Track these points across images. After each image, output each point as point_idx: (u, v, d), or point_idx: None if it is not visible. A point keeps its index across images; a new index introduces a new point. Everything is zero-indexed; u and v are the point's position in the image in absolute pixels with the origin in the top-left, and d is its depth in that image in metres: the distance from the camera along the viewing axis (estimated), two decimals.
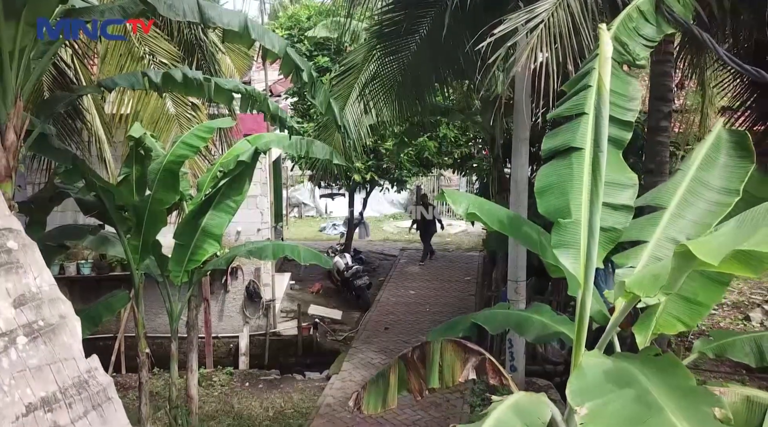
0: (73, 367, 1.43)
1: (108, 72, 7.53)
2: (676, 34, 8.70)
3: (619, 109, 3.50)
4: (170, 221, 7.03)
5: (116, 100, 7.60)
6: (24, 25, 4.42)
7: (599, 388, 2.42)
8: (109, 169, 7.91)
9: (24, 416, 1.35)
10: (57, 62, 6.47)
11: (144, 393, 6.24)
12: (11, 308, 1.39)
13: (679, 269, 2.39)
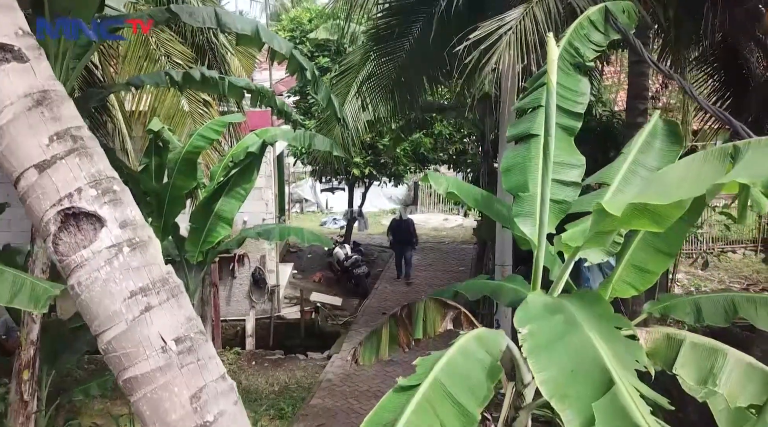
0: (158, 269, 2.09)
1: (128, 72, 8.20)
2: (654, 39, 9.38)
3: (570, 103, 4.16)
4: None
5: (135, 98, 8.26)
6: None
7: (538, 315, 3.08)
8: (130, 160, 8.57)
9: (129, 298, 2.03)
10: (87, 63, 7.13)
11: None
12: (118, 228, 2.06)
13: (597, 223, 3.04)
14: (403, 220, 16.41)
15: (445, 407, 3.10)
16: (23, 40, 2.11)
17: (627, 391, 2.43)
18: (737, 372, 3.54)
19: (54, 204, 2.04)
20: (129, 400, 2.08)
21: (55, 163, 2.05)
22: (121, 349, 2.03)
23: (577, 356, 2.71)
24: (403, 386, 3.22)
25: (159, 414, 2.02)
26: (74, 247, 2.05)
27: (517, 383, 4.03)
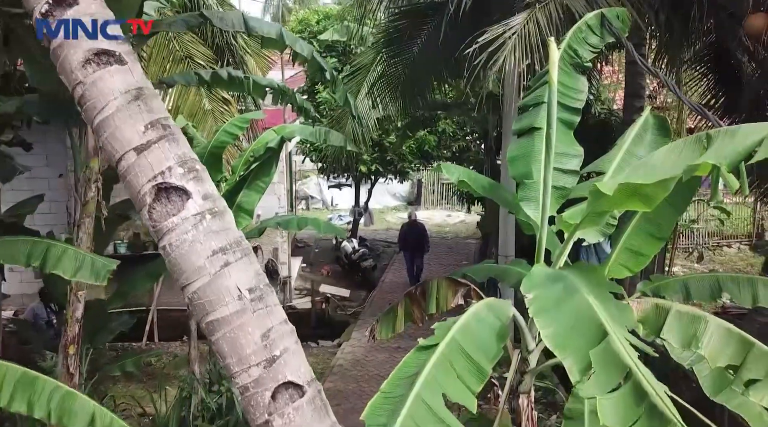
0: (233, 233, 2.53)
1: (153, 72, 8.64)
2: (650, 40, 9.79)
3: (569, 99, 4.59)
4: None
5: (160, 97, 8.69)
6: None
7: (542, 283, 3.51)
8: None
9: (211, 256, 2.47)
10: None
11: (193, 339, 7.36)
12: (201, 199, 2.50)
13: (592, 204, 3.48)
14: (414, 224, 15.51)
15: (461, 363, 3.55)
16: (122, 47, 2.56)
17: (618, 340, 2.86)
18: (717, 336, 3.97)
19: (149, 180, 2.49)
20: (210, 340, 2.53)
21: (150, 146, 2.50)
22: (204, 297, 2.47)
23: (576, 315, 3.15)
24: (423, 346, 3.66)
25: (236, 349, 2.47)
26: (165, 215, 2.49)
27: (522, 350, 4.46)
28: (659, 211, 4.92)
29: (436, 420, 3.32)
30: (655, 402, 2.50)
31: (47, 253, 4.30)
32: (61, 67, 2.58)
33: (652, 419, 2.46)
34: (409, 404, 3.33)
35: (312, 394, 2.56)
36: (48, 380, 3.84)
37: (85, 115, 2.56)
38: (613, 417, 2.58)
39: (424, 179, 28.23)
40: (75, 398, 3.83)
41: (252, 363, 2.47)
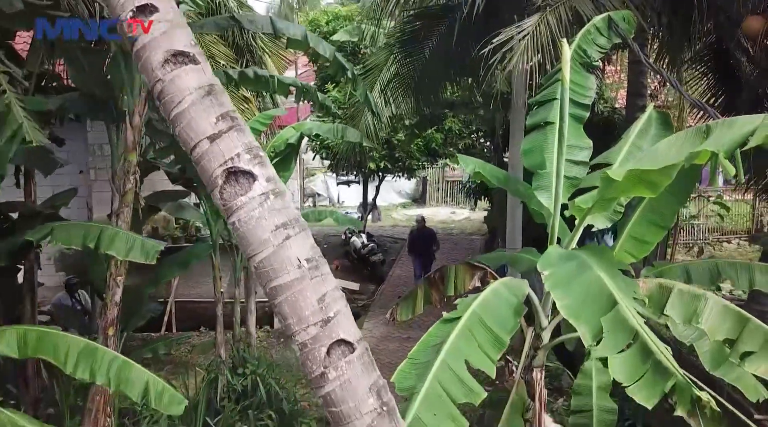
0: (293, 211, 2.88)
1: None
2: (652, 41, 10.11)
3: (579, 96, 4.93)
4: None
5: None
6: None
7: (557, 261, 3.86)
8: None
9: (274, 230, 2.82)
10: None
11: (219, 323, 7.73)
12: (265, 182, 2.85)
13: (604, 189, 3.83)
14: (423, 230, 14.58)
15: (482, 334, 3.91)
16: (195, 49, 2.91)
17: (627, 308, 3.22)
18: (716, 312, 4.32)
19: (220, 165, 2.84)
20: (273, 303, 2.88)
21: (221, 135, 2.85)
22: (269, 266, 2.83)
23: (588, 288, 3.50)
24: (447, 319, 4.02)
25: (296, 311, 2.82)
26: (234, 195, 2.85)
27: (535, 327, 4.82)
28: (662, 202, 5.30)
29: (460, 384, 3.68)
30: (659, 359, 2.85)
31: (101, 235, 4.67)
32: (143, 67, 2.93)
33: (656, 374, 2.81)
34: (435, 369, 3.70)
35: (361, 351, 2.90)
36: (107, 351, 4.20)
37: (163, 108, 2.91)
38: (622, 373, 2.93)
39: (429, 177, 28.58)
40: (131, 368, 4.20)
41: (310, 323, 2.82)
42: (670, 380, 2.73)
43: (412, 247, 14.73)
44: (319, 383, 2.86)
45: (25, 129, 4.03)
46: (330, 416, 2.90)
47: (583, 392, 5.28)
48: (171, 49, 2.87)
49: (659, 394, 2.76)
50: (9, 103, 4.03)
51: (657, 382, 2.77)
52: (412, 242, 14.82)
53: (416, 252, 14.46)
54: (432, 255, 14.42)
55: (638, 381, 2.83)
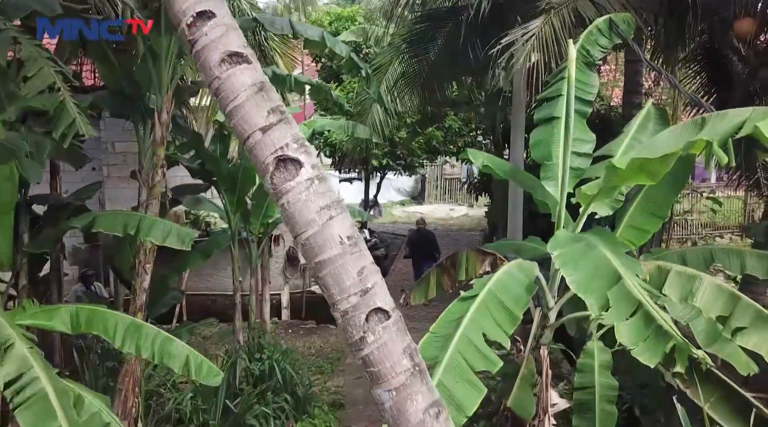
0: (334, 194, 3.21)
1: (195, 71, 9.30)
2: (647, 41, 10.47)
3: (583, 92, 5.28)
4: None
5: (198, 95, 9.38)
6: (175, 37, 6.20)
7: (565, 243, 4.20)
8: None
9: (319, 211, 3.15)
10: None
11: (237, 311, 8.05)
12: (311, 168, 3.18)
13: (608, 177, 4.17)
14: (422, 231, 13.65)
15: (497, 310, 4.25)
16: (247, 49, 3.24)
17: (630, 282, 3.56)
18: (710, 291, 4.67)
19: (271, 153, 3.17)
20: (317, 276, 3.21)
21: (272, 127, 3.17)
22: (314, 243, 3.16)
23: (595, 265, 3.84)
24: (465, 297, 4.36)
25: (338, 283, 3.15)
26: (283, 180, 3.17)
27: (543, 308, 5.17)
28: (658, 193, 5.68)
29: (478, 354, 4.03)
30: (660, 324, 3.19)
31: (140, 223, 4.99)
32: (201, 66, 3.25)
33: (658, 337, 3.16)
34: (455, 340, 4.04)
35: (395, 318, 3.23)
36: (151, 327, 4.53)
37: (220, 103, 3.23)
38: (628, 337, 3.27)
39: (427, 174, 28.91)
40: (173, 343, 4.52)
41: (351, 293, 3.15)
42: (671, 342, 3.07)
43: (412, 251, 13.42)
44: (359, 346, 3.19)
45: (79, 124, 4.34)
46: (369, 376, 3.22)
47: (586, 370, 5.61)
48: (227, 50, 3.19)
49: (661, 354, 3.10)
50: (64, 99, 4.35)
51: (659, 344, 3.11)
52: (411, 246, 13.55)
53: (416, 257, 13.16)
54: (435, 260, 12.63)
55: (642, 344, 3.17)
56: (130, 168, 13.23)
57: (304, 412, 8.14)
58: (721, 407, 4.58)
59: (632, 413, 7.19)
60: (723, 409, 4.57)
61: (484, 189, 16.01)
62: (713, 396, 4.64)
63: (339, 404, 9.02)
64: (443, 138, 17.98)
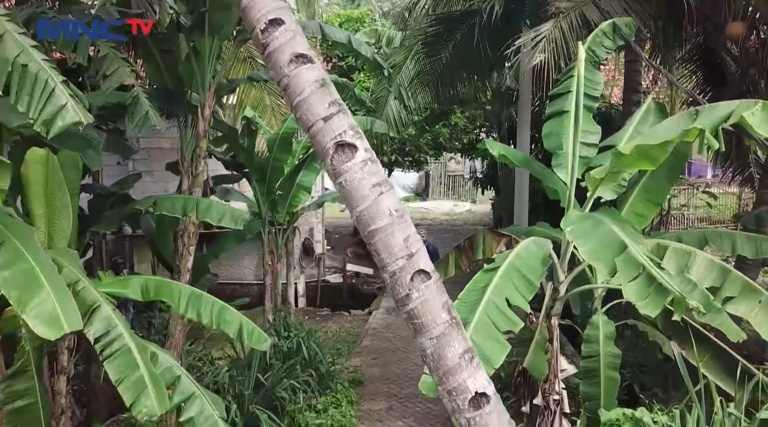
0: (383, 174, 3.73)
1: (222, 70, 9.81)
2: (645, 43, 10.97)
3: (590, 89, 5.81)
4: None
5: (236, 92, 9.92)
6: (216, 39, 6.73)
7: (577, 220, 4.72)
8: None
9: (371, 188, 3.68)
10: None
11: (267, 292, 8.59)
12: (364, 152, 3.71)
13: (614, 162, 4.70)
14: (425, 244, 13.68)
15: (517, 279, 4.78)
16: (310, 51, 3.77)
17: (635, 250, 4.09)
18: (703, 265, 5.21)
19: (332, 139, 3.70)
20: (370, 242, 3.74)
21: (332, 117, 3.71)
22: (368, 215, 3.69)
23: (604, 237, 4.37)
24: (488, 269, 4.89)
25: (387, 248, 3.68)
26: (342, 161, 3.71)
27: (554, 282, 5.70)
28: (656, 183, 6.23)
29: (503, 316, 4.57)
30: (661, 282, 3.73)
31: (198, 205, 5.52)
32: (272, 65, 3.78)
33: (659, 292, 3.69)
34: (483, 304, 4.58)
35: (435, 278, 3.77)
36: (210, 297, 5.07)
37: (288, 97, 3.76)
38: (634, 295, 3.80)
39: (431, 171, 29.44)
40: (228, 310, 5.06)
41: (398, 257, 3.69)
42: (670, 296, 3.60)
43: None
44: (404, 302, 3.74)
45: (151, 116, 4.87)
46: (413, 327, 3.76)
47: (592, 340, 6.14)
48: (294, 52, 3.73)
49: (661, 306, 3.62)
50: (137, 94, 4.88)
51: (660, 298, 3.64)
52: None
53: None
54: None
55: (646, 299, 3.70)
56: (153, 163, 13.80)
57: (326, 387, 8.68)
58: (712, 365, 5.13)
59: (632, 390, 7.69)
60: (714, 367, 5.12)
61: (489, 183, 16.53)
62: (705, 356, 5.18)
63: (358, 382, 9.56)
64: (449, 135, 18.51)
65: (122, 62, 5.00)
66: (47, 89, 3.25)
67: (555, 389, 5.76)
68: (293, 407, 7.89)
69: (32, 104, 3.25)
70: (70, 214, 4.69)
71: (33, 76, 3.24)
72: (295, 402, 7.96)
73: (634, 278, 3.86)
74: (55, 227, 4.60)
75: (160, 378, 4.26)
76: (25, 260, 3.51)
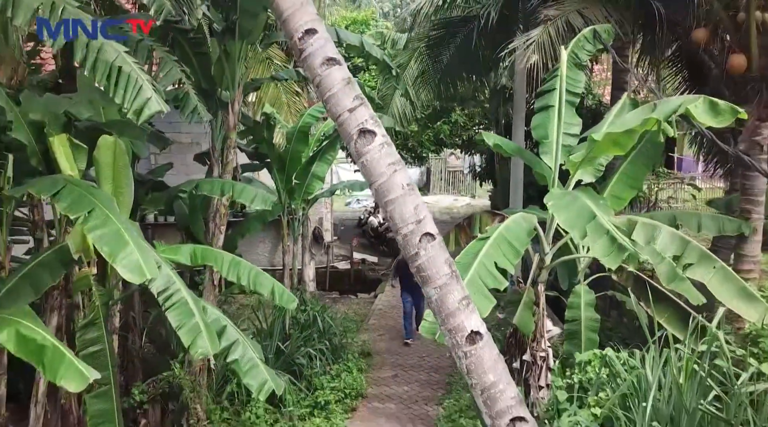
0: (396, 154, 4.60)
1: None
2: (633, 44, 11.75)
3: (573, 86, 6.61)
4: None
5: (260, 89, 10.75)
6: (245, 42, 7.55)
7: (558, 196, 5.53)
8: None
9: (387, 166, 4.52)
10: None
11: (286, 270, 9.41)
12: (381, 137, 4.55)
13: (590, 148, 5.51)
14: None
15: (505, 246, 5.61)
16: (338, 55, 4.60)
17: (602, 218, 4.91)
18: (666, 237, 6.04)
19: (356, 127, 4.52)
20: (386, 210, 4.56)
21: (356, 108, 4.53)
22: (384, 188, 4.51)
23: (579, 209, 5.18)
24: (480, 238, 5.72)
25: (401, 215, 4.50)
26: (363, 145, 4.53)
27: (540, 252, 6.52)
28: (634, 169, 7.05)
29: (491, 276, 5.39)
30: (621, 242, 4.54)
31: (233, 188, 6.35)
32: (308, 67, 4.59)
33: (619, 250, 4.50)
34: (474, 265, 5.42)
35: (439, 240, 4.58)
36: (247, 263, 5.90)
37: (320, 93, 4.58)
38: (600, 252, 4.62)
39: (432, 167, 30.24)
40: (263, 275, 5.90)
41: (409, 222, 4.51)
42: (626, 253, 4.41)
43: (405, 277, 10.69)
44: (414, 259, 4.56)
45: (199, 110, 5.69)
46: (421, 279, 4.58)
47: (575, 306, 6.96)
48: (326, 56, 4.55)
49: (620, 260, 4.44)
50: (188, 91, 5.69)
51: (619, 254, 4.44)
52: (397, 271, 11.29)
53: (406, 286, 10.86)
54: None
55: (609, 255, 4.52)
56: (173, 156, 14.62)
57: (338, 357, 9.50)
58: (672, 321, 5.96)
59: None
60: (673, 322, 5.96)
61: (487, 176, 17.35)
62: (666, 313, 6.02)
63: (367, 353, 10.41)
64: (450, 131, 19.31)
65: (175, 64, 5.83)
66: (137, 86, 4.08)
67: (542, 347, 6.60)
68: (310, 371, 8.72)
69: (126, 97, 4.08)
70: (132, 191, 5.51)
71: (126, 75, 4.08)
72: (312, 368, 8.79)
73: (601, 239, 4.67)
74: (120, 201, 5.42)
75: (211, 326, 5.10)
76: (112, 222, 4.34)
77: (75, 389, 4.08)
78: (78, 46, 4.00)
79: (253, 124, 8.70)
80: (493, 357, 4.50)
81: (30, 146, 5.03)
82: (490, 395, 4.40)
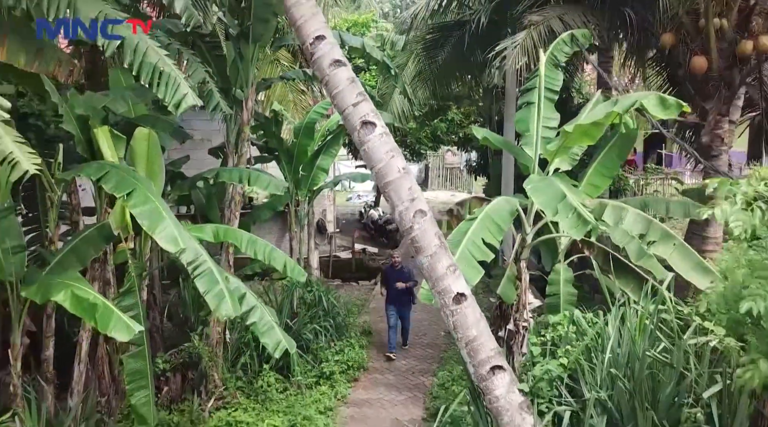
0: (392, 142, 5.30)
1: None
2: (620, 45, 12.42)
3: (551, 85, 7.32)
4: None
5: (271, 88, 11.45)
6: (258, 45, 8.26)
7: (536, 181, 6.24)
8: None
9: (387, 152, 5.23)
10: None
11: (294, 253, 10.11)
12: (381, 127, 5.27)
13: (563, 139, 6.23)
14: (396, 267, 10.52)
15: (491, 225, 6.32)
16: (343, 57, 5.32)
17: (571, 199, 5.61)
18: (632, 217, 6.76)
19: (359, 118, 5.25)
20: (384, 191, 5.28)
21: (359, 103, 5.25)
22: (383, 172, 5.24)
23: (553, 193, 5.89)
24: (469, 218, 6.43)
25: (398, 194, 5.23)
26: (365, 134, 5.26)
27: (522, 232, 7.24)
28: (608, 160, 7.75)
29: (479, 250, 6.11)
30: (585, 217, 5.24)
31: (250, 175, 7.08)
32: (318, 68, 5.32)
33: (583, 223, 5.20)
34: (464, 241, 6.13)
35: (430, 215, 5.30)
36: (261, 240, 6.61)
37: (328, 91, 5.31)
38: (567, 224, 5.34)
39: (430, 164, 30.93)
40: (276, 251, 6.62)
41: (404, 200, 5.24)
42: (589, 225, 5.13)
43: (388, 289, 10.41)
44: (409, 231, 5.29)
45: (221, 105, 6.40)
46: (414, 249, 5.31)
47: (555, 282, 7.68)
48: (333, 58, 5.28)
49: (584, 231, 5.16)
50: (211, 89, 6.40)
51: (583, 227, 5.16)
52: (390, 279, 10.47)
53: (391, 299, 10.33)
54: (411, 300, 10.43)
55: (575, 228, 5.23)
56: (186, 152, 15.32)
57: (342, 335, 10.21)
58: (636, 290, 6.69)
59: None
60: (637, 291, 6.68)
61: (481, 170, 18.05)
62: (631, 284, 6.75)
63: (368, 332, 11.14)
64: (446, 129, 20.00)
65: (200, 65, 6.54)
66: (175, 84, 4.80)
67: (524, 317, 7.31)
68: (316, 346, 9.44)
69: (166, 93, 4.79)
70: (163, 177, 6.23)
71: (167, 75, 4.79)
72: (318, 343, 9.51)
73: (569, 215, 5.38)
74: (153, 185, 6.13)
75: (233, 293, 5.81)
76: (151, 201, 5.06)
77: (124, 338, 4.79)
78: (126, 50, 4.71)
79: (264, 120, 9.42)
80: (476, 315, 5.22)
81: (77, 136, 5.75)
82: (473, 347, 5.12)
